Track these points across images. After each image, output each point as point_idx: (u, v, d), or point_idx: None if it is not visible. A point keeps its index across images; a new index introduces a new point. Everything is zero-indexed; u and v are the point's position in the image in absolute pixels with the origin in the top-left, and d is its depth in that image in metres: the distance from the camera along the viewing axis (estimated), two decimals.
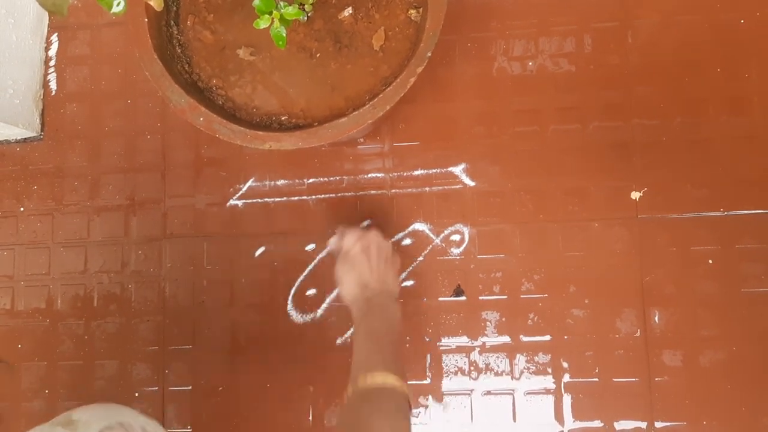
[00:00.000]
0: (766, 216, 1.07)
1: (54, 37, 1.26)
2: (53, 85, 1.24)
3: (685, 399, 1.05)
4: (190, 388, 1.14)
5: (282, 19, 0.78)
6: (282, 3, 0.79)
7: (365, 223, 1.13)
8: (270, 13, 0.77)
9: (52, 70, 1.25)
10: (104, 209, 1.20)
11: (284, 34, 0.79)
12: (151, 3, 0.68)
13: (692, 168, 1.09)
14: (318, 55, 0.95)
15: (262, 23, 0.78)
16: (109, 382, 1.16)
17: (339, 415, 0.80)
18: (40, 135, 1.23)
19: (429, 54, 0.86)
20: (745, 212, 1.07)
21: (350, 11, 0.94)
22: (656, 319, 1.07)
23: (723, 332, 1.05)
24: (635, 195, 1.09)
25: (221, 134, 0.89)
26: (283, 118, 0.95)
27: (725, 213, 1.07)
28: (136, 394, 1.15)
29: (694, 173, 1.09)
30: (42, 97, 1.24)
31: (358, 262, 0.93)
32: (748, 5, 1.11)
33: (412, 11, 0.94)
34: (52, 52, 1.25)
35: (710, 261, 1.07)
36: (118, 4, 0.62)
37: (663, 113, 1.10)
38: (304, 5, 0.91)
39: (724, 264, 1.07)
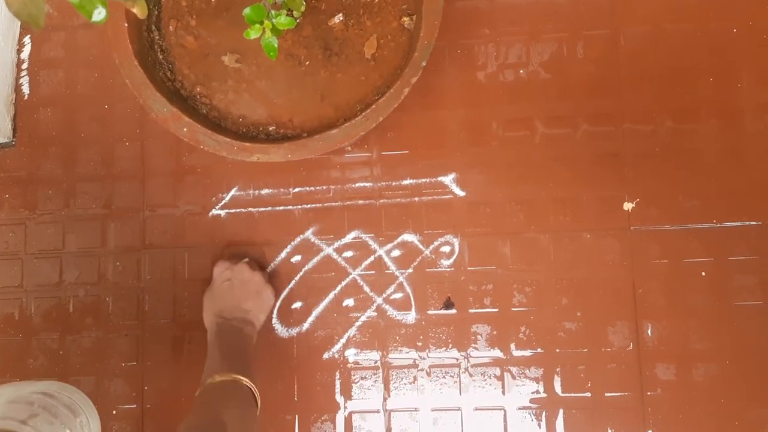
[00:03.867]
0: (759, 228, 1.06)
1: (27, 39, 1.20)
2: (26, 89, 1.19)
3: (678, 413, 1.04)
4: (170, 405, 1.10)
5: (274, 29, 0.74)
6: (273, 11, 0.75)
7: (245, 260, 1.08)
8: (261, 23, 0.73)
9: (24, 73, 1.19)
10: (80, 218, 1.15)
11: (276, 45, 0.75)
12: (135, 11, 0.64)
13: (685, 179, 1.08)
14: (307, 62, 0.92)
15: (253, 33, 0.74)
16: None
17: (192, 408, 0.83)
18: (12, 141, 1.18)
19: (424, 63, 0.84)
20: (739, 224, 1.06)
21: (341, 18, 0.91)
22: (649, 332, 1.05)
23: (716, 345, 1.05)
24: (628, 206, 1.08)
25: (206, 145, 0.85)
26: (270, 129, 0.91)
27: (718, 224, 1.06)
28: (114, 412, 1.11)
29: (687, 184, 1.07)
30: (14, 101, 1.19)
31: (218, 293, 1.02)
32: (741, 14, 1.10)
33: (406, 19, 0.91)
34: (25, 54, 1.20)
35: (703, 273, 1.06)
36: (99, 13, 0.58)
37: (655, 122, 1.09)
38: (293, 11, 0.87)
39: (717, 276, 1.06)
